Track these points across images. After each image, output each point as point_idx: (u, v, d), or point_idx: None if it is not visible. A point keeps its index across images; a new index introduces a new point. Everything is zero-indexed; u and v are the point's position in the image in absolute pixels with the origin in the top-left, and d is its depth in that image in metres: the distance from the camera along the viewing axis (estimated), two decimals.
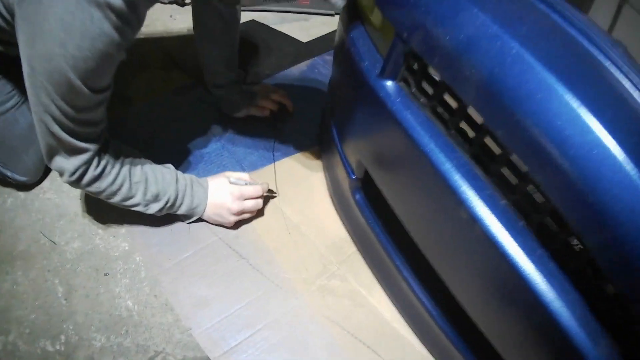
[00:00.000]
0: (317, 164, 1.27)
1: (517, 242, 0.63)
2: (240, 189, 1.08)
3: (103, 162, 0.92)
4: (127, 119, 1.31)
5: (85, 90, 0.78)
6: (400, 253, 0.95)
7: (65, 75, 0.75)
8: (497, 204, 0.65)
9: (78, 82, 0.76)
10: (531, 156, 0.59)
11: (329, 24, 1.79)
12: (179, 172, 1.05)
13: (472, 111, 0.69)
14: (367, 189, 1.01)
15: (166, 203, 1.01)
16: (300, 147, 1.30)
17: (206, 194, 1.07)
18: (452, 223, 0.72)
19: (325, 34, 1.73)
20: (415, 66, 0.76)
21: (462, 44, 0.65)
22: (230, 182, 1.09)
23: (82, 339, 0.95)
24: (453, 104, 0.72)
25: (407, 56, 0.76)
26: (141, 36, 1.59)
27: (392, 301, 1.04)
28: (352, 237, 1.13)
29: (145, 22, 0.82)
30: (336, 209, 1.17)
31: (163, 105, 1.36)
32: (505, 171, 0.66)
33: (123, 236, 1.09)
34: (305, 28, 1.75)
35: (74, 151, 0.88)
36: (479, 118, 0.67)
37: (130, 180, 0.96)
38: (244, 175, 1.12)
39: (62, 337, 0.95)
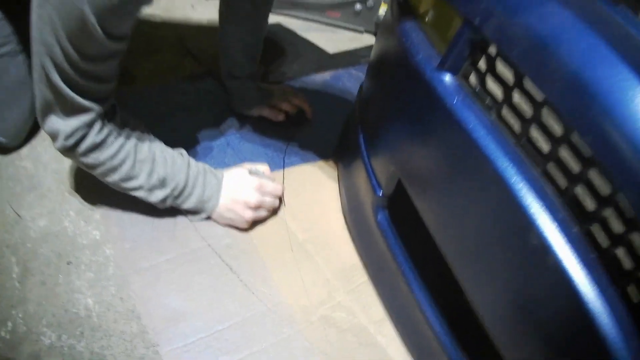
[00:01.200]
0: (332, 177, 1.11)
1: (589, 277, 0.50)
2: (260, 181, 0.96)
3: (107, 130, 0.78)
4: (128, 98, 1.16)
5: (99, 31, 0.65)
6: (426, 287, 0.79)
7: (79, 7, 0.62)
8: (570, 231, 0.52)
9: (92, 20, 0.63)
10: (620, 173, 0.47)
11: (357, 40, 1.66)
12: (192, 159, 0.93)
13: (546, 119, 0.56)
14: (393, 208, 0.86)
15: (173, 190, 0.87)
16: (314, 156, 1.14)
17: (220, 186, 0.94)
18: (512, 249, 0.57)
19: (353, 49, 1.59)
20: (482, 62, 0.62)
21: (548, 36, 0.53)
22: (250, 172, 0.97)
23: (30, 332, 0.79)
24: (525, 108, 0.57)
25: (474, 47, 0.63)
26: (157, 20, 1.46)
27: (406, 343, 0.88)
28: (365, 264, 0.96)
29: (165, 7, 0.69)
30: (350, 230, 1.01)
31: (168, 91, 1.21)
32: (579, 191, 0.53)
33: (96, 223, 0.93)
34: (332, 40, 1.62)
35: (73, 110, 0.74)
36: (556, 127, 0.54)
37: (135, 156, 0.82)
38: (263, 167, 1.00)
39: (9, 325, 0.79)
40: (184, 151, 0.92)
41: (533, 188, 0.54)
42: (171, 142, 0.94)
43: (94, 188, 0.87)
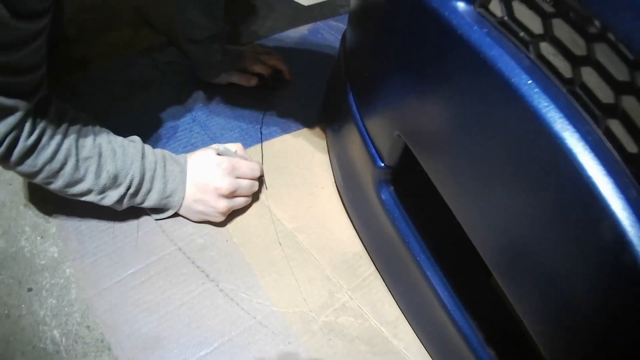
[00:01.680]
0: (321, 147, 0.92)
1: None
2: (231, 161, 0.78)
3: (39, 129, 0.63)
4: (81, 86, 0.97)
5: (2, 9, 0.51)
6: (446, 277, 0.64)
7: None
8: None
9: None
10: None
11: None
12: (148, 146, 0.76)
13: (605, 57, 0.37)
14: (400, 182, 0.69)
15: (128, 188, 0.70)
16: (297, 124, 0.95)
17: (184, 175, 0.77)
18: (562, 221, 0.40)
19: None
20: None
21: None
22: (218, 152, 0.79)
23: None
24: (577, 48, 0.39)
25: None
26: None
27: (428, 346, 0.72)
28: (370, 253, 0.79)
29: None
30: (348, 212, 0.83)
31: (123, 68, 1.01)
32: None
33: (53, 237, 0.78)
34: None
35: None
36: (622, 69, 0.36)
37: (77, 155, 0.66)
38: (235, 146, 0.83)
39: None
40: (137, 138, 0.75)
41: (598, 155, 0.37)
42: (129, 126, 0.78)
43: (50, 196, 0.73)
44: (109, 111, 0.92)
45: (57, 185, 0.67)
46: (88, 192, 0.69)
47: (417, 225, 0.68)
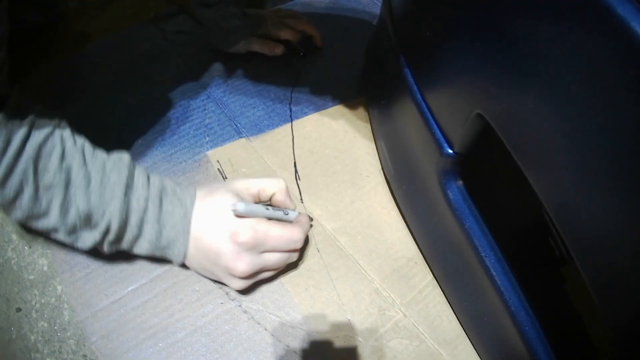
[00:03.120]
0: (363, 126, 0.73)
1: None
2: (257, 232, 0.51)
3: None
4: (82, 62, 0.79)
5: None
6: (522, 290, 0.48)
7: None
8: None
9: None
10: None
11: None
12: (140, 171, 0.52)
13: None
14: (471, 175, 0.51)
15: (105, 233, 0.49)
16: (333, 99, 0.75)
17: (187, 224, 0.52)
18: None
19: None
20: None
21: None
22: (236, 214, 0.51)
23: None
24: None
25: None
26: None
27: None
28: (427, 259, 0.61)
29: None
30: (400, 208, 0.65)
31: (129, 41, 0.82)
32: None
33: (41, 246, 0.60)
34: None
35: None
36: None
37: (35, 181, 0.45)
38: (273, 185, 0.56)
39: None
40: (125, 157, 0.52)
41: None
42: (133, 106, 0.63)
43: None
44: (112, 89, 0.74)
45: (16, 217, 0.47)
46: (54, 230, 0.48)
47: (488, 224, 0.50)
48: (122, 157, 0.51)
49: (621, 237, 0.33)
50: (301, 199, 0.63)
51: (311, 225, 0.61)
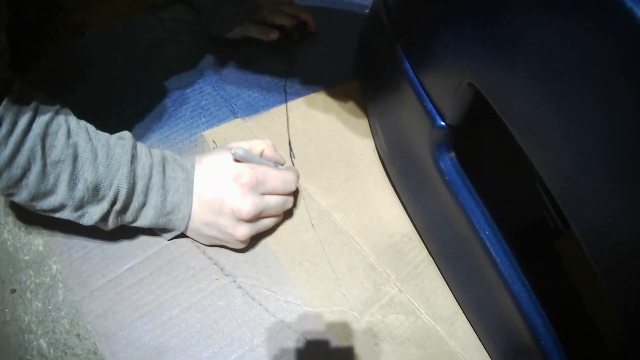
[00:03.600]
0: (357, 106, 0.72)
1: None
2: (256, 172, 0.53)
3: None
4: (80, 53, 0.78)
5: None
6: (518, 261, 0.47)
7: None
8: None
9: None
10: None
11: None
12: (142, 145, 0.53)
13: None
14: (463, 146, 0.51)
15: (113, 203, 0.49)
16: (328, 81, 0.75)
17: (190, 183, 0.54)
18: None
19: None
20: None
21: None
22: (235, 157, 0.54)
23: None
24: None
25: None
26: None
27: (486, 343, 0.55)
28: (422, 234, 0.60)
29: None
30: (394, 185, 0.64)
31: (126, 31, 0.81)
32: None
33: (37, 227, 0.59)
34: None
35: None
36: None
37: (43, 158, 0.45)
38: (261, 144, 0.58)
39: None
40: (127, 134, 0.53)
41: None
42: (131, 92, 0.63)
43: None
44: (110, 76, 0.73)
45: (21, 197, 0.47)
46: (61, 207, 0.48)
47: (483, 197, 0.50)
48: (123, 134, 0.52)
49: (621, 211, 0.32)
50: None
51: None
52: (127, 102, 0.67)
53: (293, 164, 0.64)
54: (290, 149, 0.65)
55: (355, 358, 0.52)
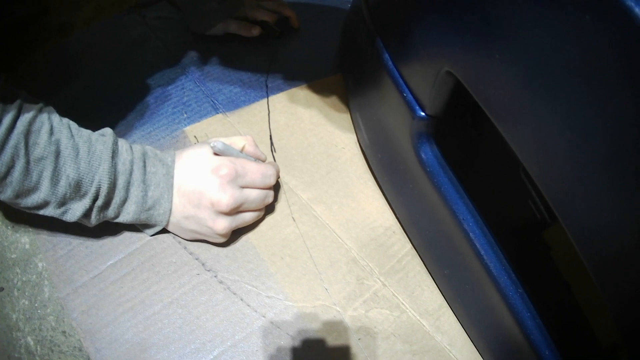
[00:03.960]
0: (339, 100, 0.71)
1: None
2: (235, 165, 0.53)
3: None
4: (65, 51, 0.77)
5: None
6: (503, 252, 0.46)
7: None
8: None
9: None
10: None
11: None
12: (123, 141, 0.53)
13: None
14: (444, 137, 0.50)
15: (95, 199, 0.49)
16: (310, 75, 0.73)
17: (170, 178, 0.53)
18: None
19: None
20: None
21: None
22: (214, 150, 0.53)
23: None
24: None
25: None
26: None
27: (474, 338, 0.54)
28: (405, 227, 0.59)
29: None
30: (376, 177, 0.63)
31: (110, 29, 0.79)
32: None
33: (24, 225, 0.58)
34: None
35: None
36: None
37: (27, 154, 0.45)
38: (242, 140, 0.57)
39: None
40: (108, 131, 0.52)
41: None
42: (114, 91, 0.62)
43: None
44: (95, 74, 0.72)
45: (6, 195, 0.46)
46: (44, 204, 0.48)
47: (465, 187, 0.49)
48: (105, 131, 0.52)
49: (604, 200, 0.31)
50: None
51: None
52: (109, 100, 0.66)
53: (274, 158, 0.63)
54: (272, 143, 0.64)
55: (339, 353, 0.51)
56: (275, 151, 0.63)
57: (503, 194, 0.56)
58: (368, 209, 0.60)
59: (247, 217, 0.55)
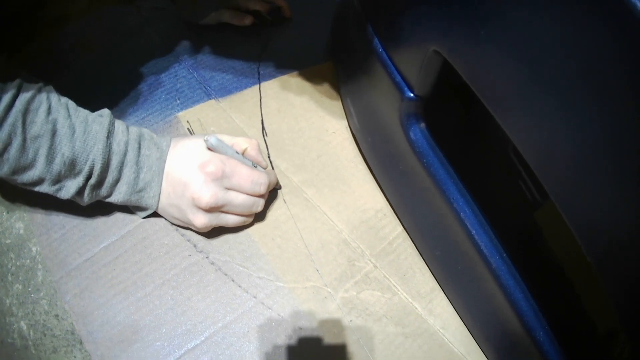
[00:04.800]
0: (330, 86, 0.69)
1: None
2: (224, 164, 0.50)
3: None
4: (60, 42, 0.75)
5: None
6: (495, 233, 0.45)
7: None
8: None
9: None
10: None
11: None
12: (120, 122, 0.51)
13: None
14: (436, 118, 0.48)
15: (88, 177, 0.47)
16: (301, 63, 0.71)
17: (163, 163, 0.51)
18: None
19: None
20: None
21: None
22: (207, 145, 0.51)
23: None
24: None
25: None
26: None
27: (467, 322, 0.52)
28: (396, 209, 0.58)
29: None
30: (367, 161, 0.61)
31: (105, 20, 0.77)
32: None
33: (19, 210, 0.57)
34: None
35: None
36: None
37: (24, 132, 0.44)
38: (245, 142, 0.54)
39: None
40: (106, 112, 0.51)
41: None
42: (108, 80, 0.61)
43: None
44: (90, 64, 0.70)
45: (2, 171, 0.46)
46: (40, 181, 0.48)
47: (456, 170, 0.47)
48: (103, 112, 0.51)
49: (604, 186, 0.29)
50: (268, 154, 0.60)
51: (280, 187, 0.59)
52: (103, 87, 0.65)
53: (265, 142, 0.61)
54: (263, 127, 0.62)
55: (331, 335, 0.50)
56: (266, 135, 0.61)
57: (494, 174, 0.55)
58: (359, 192, 0.58)
59: (230, 219, 0.52)
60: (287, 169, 0.59)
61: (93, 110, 0.52)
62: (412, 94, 0.47)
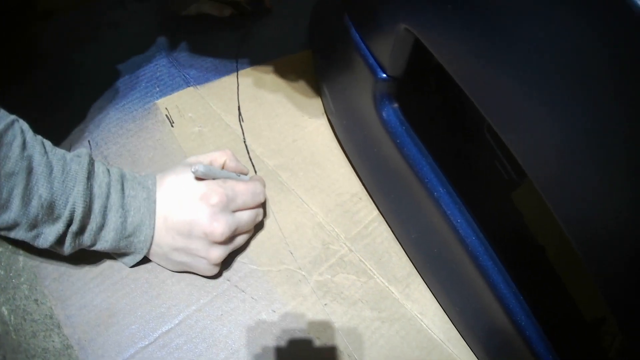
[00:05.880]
0: (307, 74, 0.67)
1: None
2: (225, 190, 0.46)
3: None
4: (45, 35, 0.72)
5: None
6: (471, 213, 0.43)
7: None
8: None
9: None
10: None
11: None
12: (100, 163, 0.46)
13: None
14: (410, 98, 0.47)
15: (69, 224, 0.42)
16: (279, 51, 0.69)
17: (152, 203, 0.46)
18: None
19: None
20: None
21: None
22: (197, 175, 0.46)
23: None
24: None
25: None
26: None
27: (446, 307, 0.50)
28: (371, 193, 0.56)
29: None
30: (342, 145, 0.59)
31: (90, 12, 0.75)
32: None
33: None
34: None
35: None
36: None
37: None
38: (222, 155, 0.50)
39: None
40: (84, 151, 0.45)
41: None
42: (91, 70, 0.59)
43: None
44: (73, 55, 0.67)
45: None
46: (14, 224, 0.41)
47: (430, 151, 0.46)
48: (80, 152, 0.45)
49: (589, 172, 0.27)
50: (244, 139, 0.58)
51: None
52: (86, 78, 0.63)
53: (242, 127, 0.59)
54: (240, 114, 0.60)
55: (304, 318, 0.48)
56: (243, 121, 0.59)
57: (469, 154, 0.53)
58: (334, 176, 0.57)
59: (240, 240, 0.49)
60: (263, 153, 0.57)
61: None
62: (384, 75, 0.45)
